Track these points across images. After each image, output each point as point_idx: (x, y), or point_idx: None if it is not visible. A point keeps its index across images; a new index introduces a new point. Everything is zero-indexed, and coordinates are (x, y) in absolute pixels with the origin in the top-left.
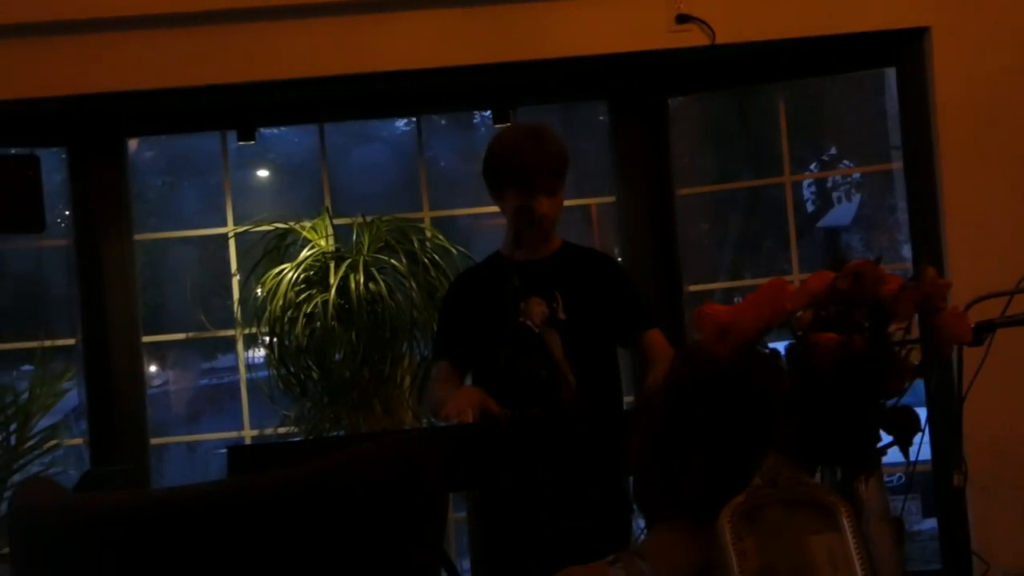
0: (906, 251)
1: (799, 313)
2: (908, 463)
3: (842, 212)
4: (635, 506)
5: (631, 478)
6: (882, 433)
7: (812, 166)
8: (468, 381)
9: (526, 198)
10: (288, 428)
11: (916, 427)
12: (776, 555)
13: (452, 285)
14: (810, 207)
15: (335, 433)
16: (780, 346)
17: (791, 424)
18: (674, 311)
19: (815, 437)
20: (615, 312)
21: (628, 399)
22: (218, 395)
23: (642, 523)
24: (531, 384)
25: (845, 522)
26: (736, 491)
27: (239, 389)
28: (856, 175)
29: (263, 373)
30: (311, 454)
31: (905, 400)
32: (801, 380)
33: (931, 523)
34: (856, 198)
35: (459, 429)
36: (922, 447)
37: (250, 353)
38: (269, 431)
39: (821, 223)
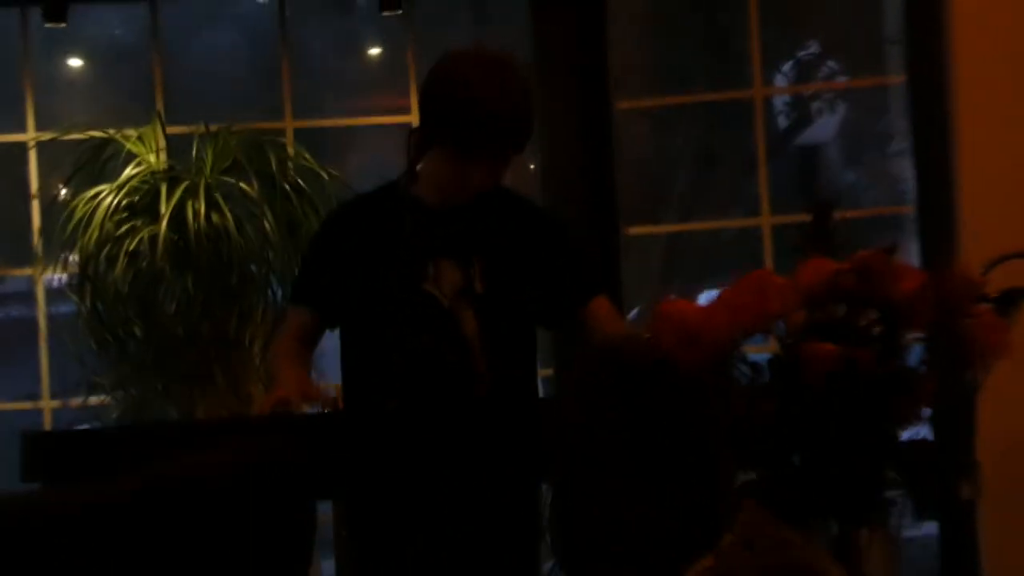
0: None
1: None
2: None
3: (822, 127)
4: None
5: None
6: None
7: (787, 66)
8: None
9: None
10: (100, 398)
11: (934, 468)
12: None
13: (332, 216)
14: (783, 121)
15: (163, 415)
16: (762, 358)
17: (771, 462)
18: (609, 259)
19: (803, 479)
20: (550, 290)
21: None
22: (11, 347)
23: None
24: (433, 371)
25: None
26: (700, 545)
27: (38, 342)
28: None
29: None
30: (131, 449)
31: None
32: (787, 403)
33: (927, 529)
34: (840, 109)
35: (327, 420)
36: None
37: (54, 300)
38: (75, 401)
39: (796, 141)
